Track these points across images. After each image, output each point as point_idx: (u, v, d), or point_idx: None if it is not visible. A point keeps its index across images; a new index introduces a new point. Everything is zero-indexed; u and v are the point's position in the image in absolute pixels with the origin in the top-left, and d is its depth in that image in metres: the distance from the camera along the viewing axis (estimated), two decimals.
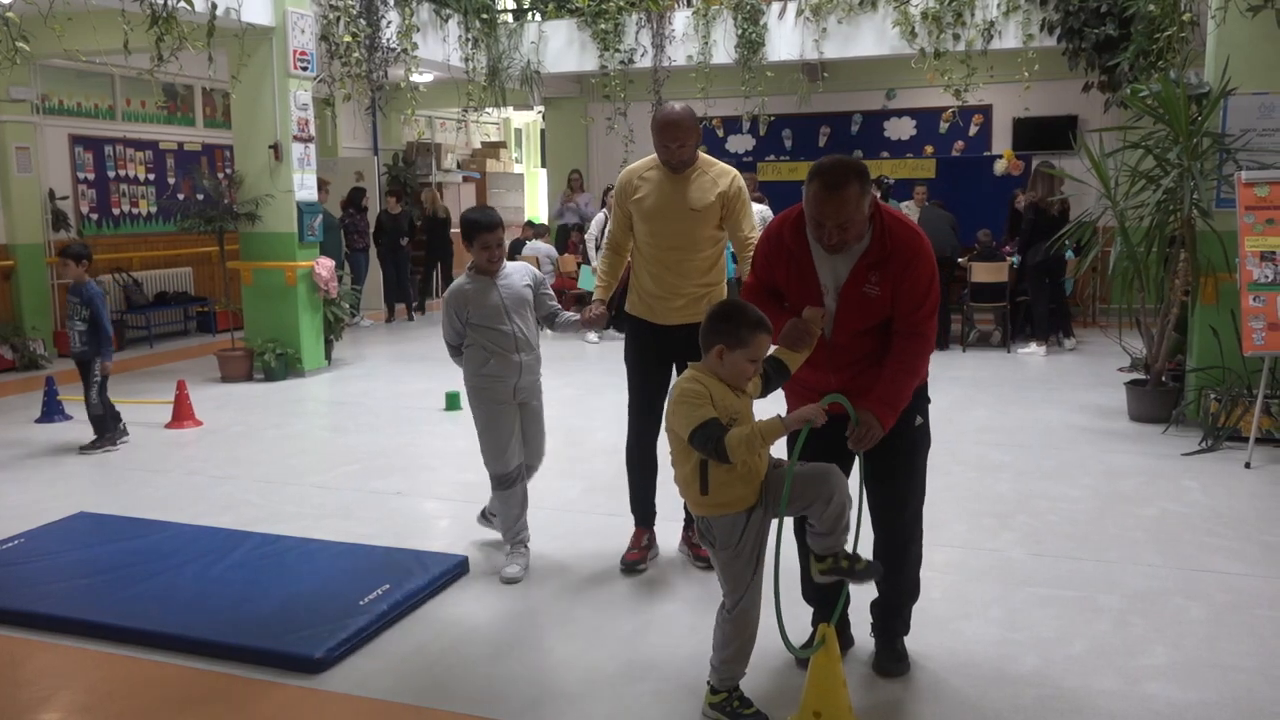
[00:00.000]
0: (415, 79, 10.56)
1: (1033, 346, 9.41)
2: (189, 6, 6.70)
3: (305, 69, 8.64)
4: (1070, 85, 10.65)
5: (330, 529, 4.76)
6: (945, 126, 12.60)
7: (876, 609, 3.35)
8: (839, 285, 3.03)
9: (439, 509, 5.20)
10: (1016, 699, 3.11)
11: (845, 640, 3.40)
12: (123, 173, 10.92)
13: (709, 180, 4.01)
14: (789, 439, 2.90)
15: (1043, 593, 3.92)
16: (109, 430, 6.36)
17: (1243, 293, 5.87)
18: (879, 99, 12.80)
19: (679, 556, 4.34)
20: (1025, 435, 6.41)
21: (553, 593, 4.02)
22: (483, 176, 16.32)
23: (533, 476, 4.43)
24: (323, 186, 10.02)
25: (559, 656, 3.48)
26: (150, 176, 11.25)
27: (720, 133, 13.41)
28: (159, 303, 11.06)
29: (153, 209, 11.26)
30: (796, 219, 3.08)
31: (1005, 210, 10.89)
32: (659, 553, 4.34)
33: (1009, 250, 10.05)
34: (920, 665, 3.32)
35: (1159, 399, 6.66)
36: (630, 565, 4.19)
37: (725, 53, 10.85)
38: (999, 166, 11.96)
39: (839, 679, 2.87)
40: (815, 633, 3.16)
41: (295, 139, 8.62)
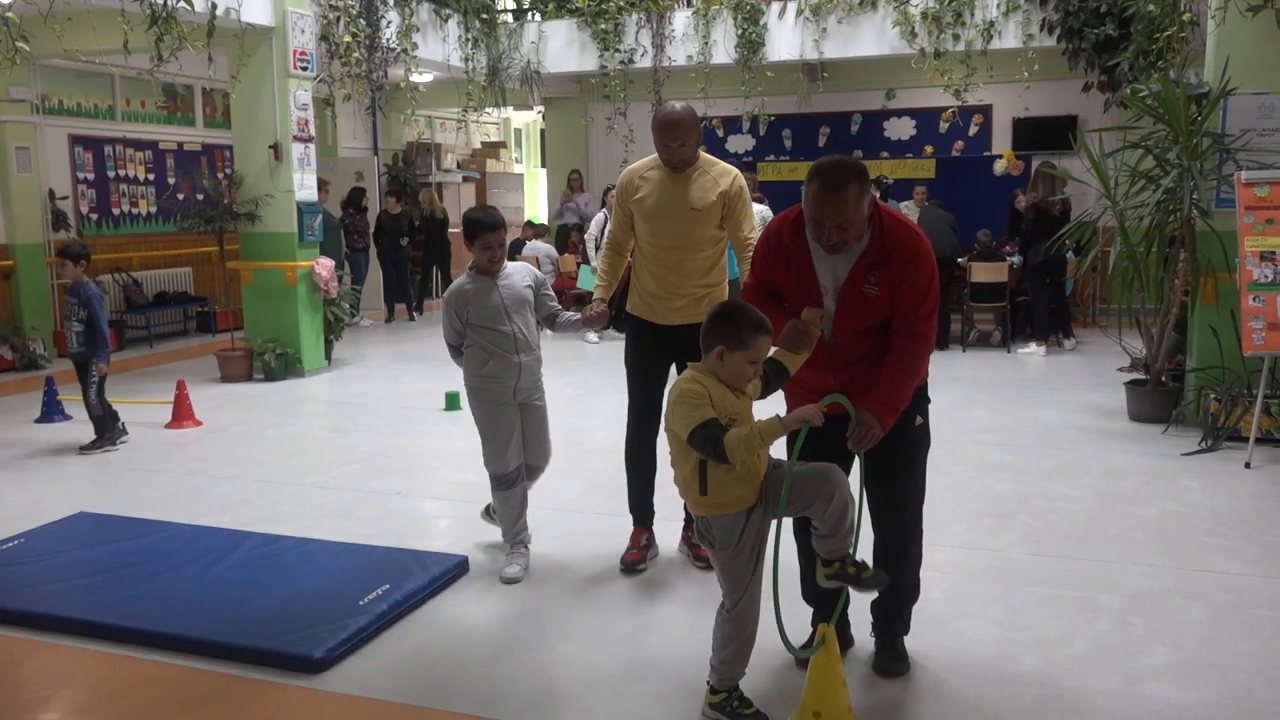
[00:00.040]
0: (415, 79, 10.56)
1: (1032, 346, 9.41)
2: (189, 6, 6.70)
3: (305, 69, 8.64)
4: (1070, 85, 10.65)
5: (330, 529, 4.76)
6: (945, 126, 12.60)
7: (876, 609, 3.35)
8: (838, 285, 3.03)
9: (439, 509, 5.21)
10: (1016, 699, 3.11)
11: (845, 640, 3.40)
12: (122, 173, 10.92)
13: (710, 180, 4.01)
14: (788, 439, 2.90)
15: (1043, 593, 3.92)
16: (109, 430, 6.37)
17: (1242, 293, 5.87)
18: (879, 99, 12.80)
19: (679, 556, 4.34)
20: (1025, 435, 6.41)
21: (553, 593, 4.02)
22: (483, 176, 16.33)
23: (539, 477, 4.42)
24: (323, 186, 10.03)
25: (559, 656, 3.48)
26: (150, 176, 11.25)
27: (720, 133, 13.41)
28: (159, 303, 11.07)
29: (152, 209, 11.26)
30: (796, 219, 3.08)
31: (1005, 210, 10.90)
32: (659, 553, 4.34)
33: (1009, 250, 10.06)
34: (920, 665, 3.32)
35: (1159, 399, 6.66)
36: (630, 565, 4.19)
37: (725, 53, 10.85)
38: (999, 166, 11.96)
39: (839, 679, 2.87)
40: (815, 633, 3.16)
41: (295, 139, 8.62)
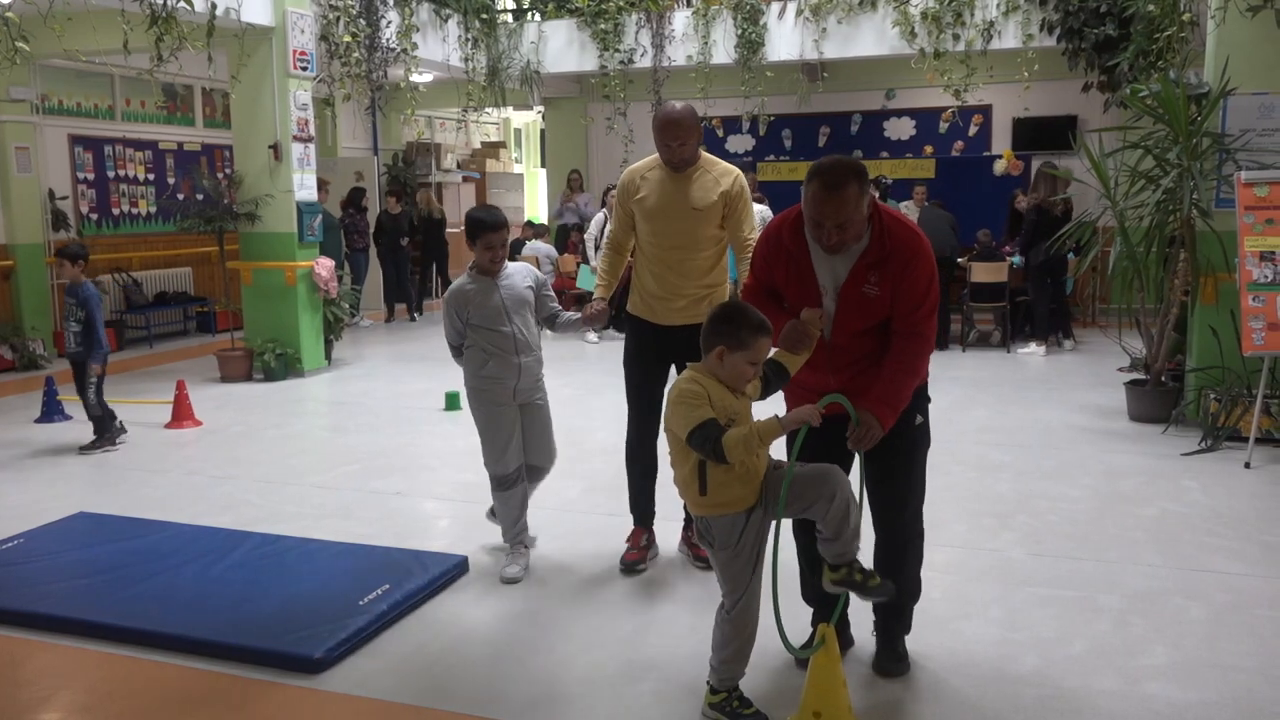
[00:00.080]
0: (415, 79, 10.55)
1: (1032, 346, 9.41)
2: (189, 6, 6.69)
3: (305, 69, 8.64)
4: (1070, 85, 10.64)
5: (330, 529, 4.76)
6: (945, 126, 12.60)
7: (878, 608, 3.34)
8: (838, 286, 3.03)
9: (439, 509, 5.21)
10: (1016, 699, 3.11)
11: (845, 640, 3.40)
12: (122, 173, 10.92)
13: (711, 179, 4.01)
14: (788, 439, 2.90)
15: (1043, 593, 3.92)
16: (108, 430, 6.37)
17: (1242, 293, 5.87)
18: (879, 99, 12.80)
19: (679, 556, 4.34)
20: (1025, 435, 6.41)
21: (553, 593, 4.02)
22: (482, 176, 16.33)
23: (544, 478, 4.40)
24: (322, 186, 10.02)
25: (559, 656, 3.48)
26: (150, 176, 11.25)
27: (720, 133, 13.41)
28: (159, 303, 11.06)
29: (152, 209, 11.26)
30: (795, 219, 3.08)
31: (1005, 210, 10.90)
32: (659, 553, 4.34)
33: (1009, 250, 10.06)
34: (920, 665, 3.32)
35: (1159, 399, 6.66)
36: (629, 565, 4.19)
37: (725, 53, 10.85)
38: (998, 166, 11.96)
39: (839, 679, 2.87)
40: (815, 633, 3.16)
41: (295, 139, 8.62)
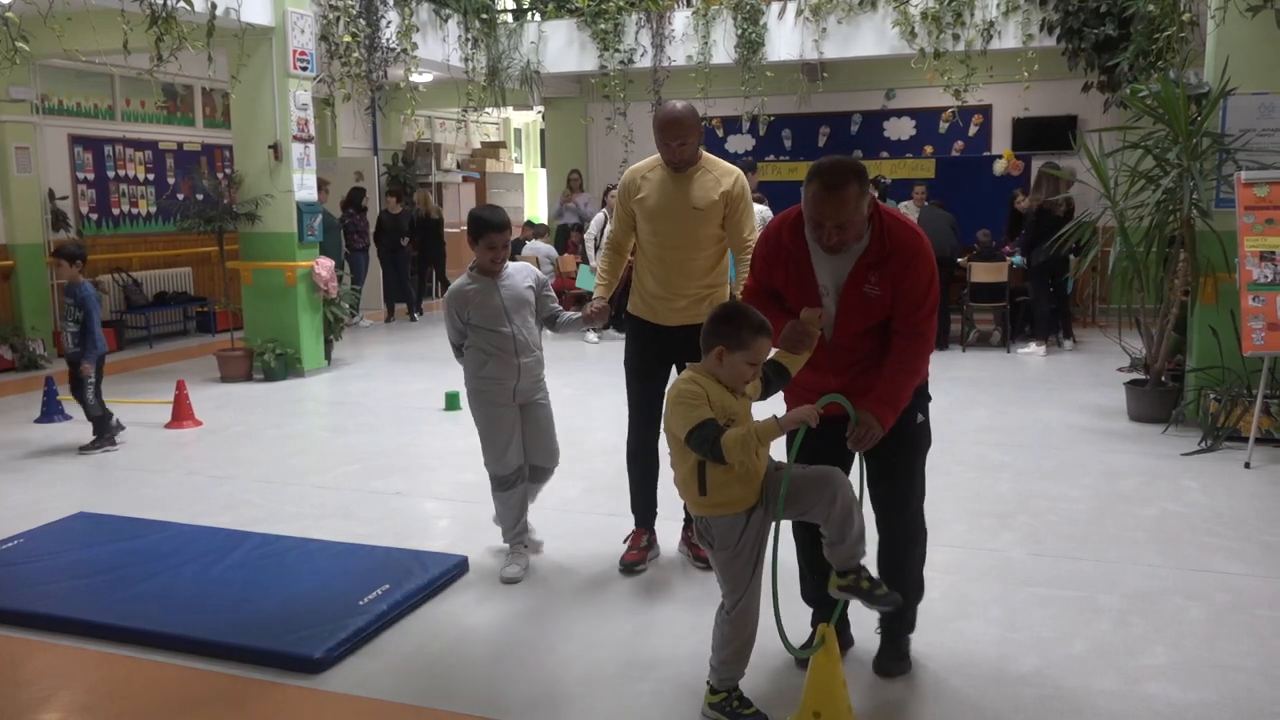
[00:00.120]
0: (415, 79, 10.56)
1: (1032, 346, 9.41)
2: (189, 6, 6.69)
3: (305, 69, 8.64)
4: (1070, 85, 10.64)
5: (330, 529, 4.76)
6: (945, 126, 12.60)
7: None
8: (839, 286, 3.03)
9: (439, 509, 5.21)
10: (1016, 699, 3.11)
11: (845, 640, 3.40)
12: (122, 173, 10.92)
13: (712, 179, 4.01)
14: (788, 440, 2.90)
15: (1043, 593, 3.92)
16: (107, 430, 6.37)
17: (1242, 293, 5.87)
18: (878, 99, 12.80)
19: (679, 557, 4.34)
20: (1025, 435, 6.41)
21: (553, 593, 4.02)
22: (482, 176, 16.32)
23: (548, 479, 4.37)
24: (322, 186, 10.02)
25: (559, 656, 3.48)
26: (150, 176, 11.25)
27: (720, 133, 13.41)
28: (159, 303, 11.06)
29: (152, 209, 11.26)
30: (795, 220, 3.08)
31: (1005, 210, 10.89)
32: (659, 553, 4.34)
33: (1009, 250, 10.06)
34: (920, 665, 3.32)
35: (1159, 399, 6.66)
36: (629, 566, 4.19)
37: (725, 53, 10.85)
38: (998, 166, 11.96)
39: (839, 679, 2.87)
40: (815, 633, 3.15)
41: (295, 139, 8.62)
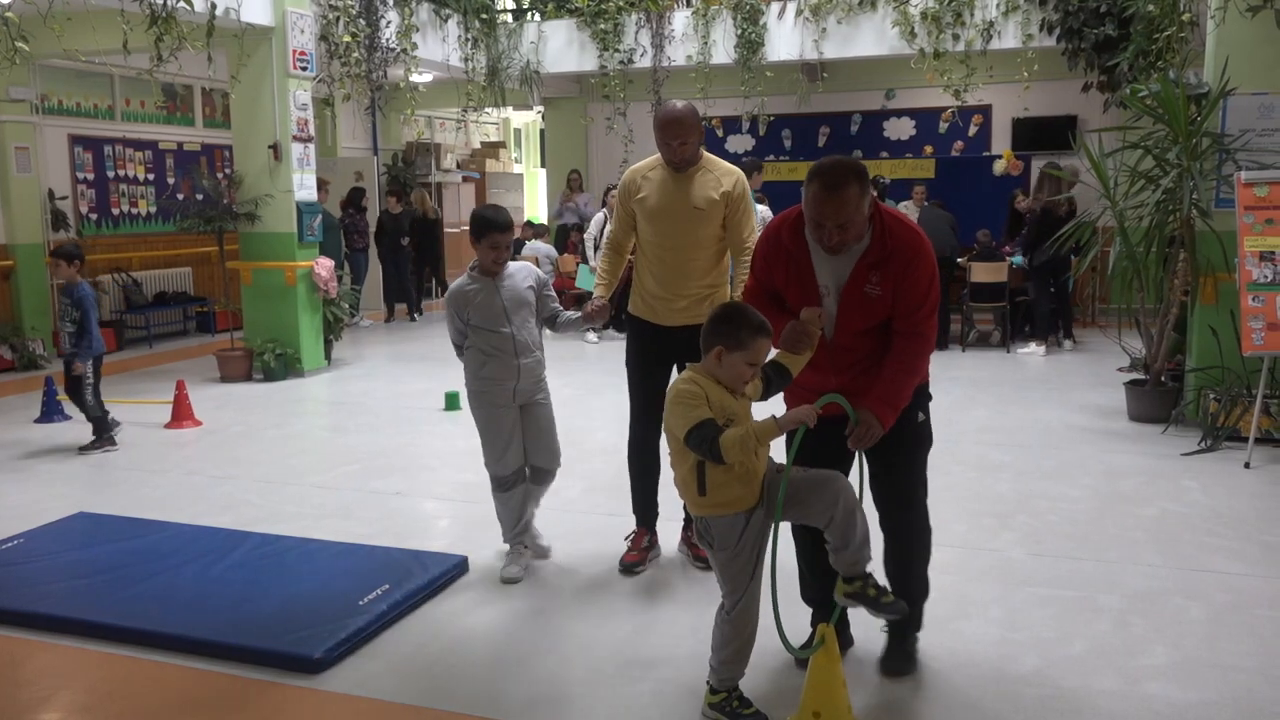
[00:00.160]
0: (415, 79, 10.56)
1: (1032, 346, 9.41)
2: (188, 6, 6.69)
3: (305, 69, 8.64)
4: (1070, 85, 10.64)
5: (330, 529, 4.76)
6: (945, 126, 12.60)
7: None
8: (839, 286, 3.03)
9: (439, 509, 5.20)
10: (1016, 699, 3.11)
11: (845, 640, 3.40)
12: (122, 173, 10.92)
13: (713, 179, 4.01)
14: (787, 440, 2.90)
15: (1043, 593, 3.92)
16: (107, 430, 6.36)
17: (1242, 293, 5.87)
18: (878, 99, 12.80)
19: (679, 557, 4.34)
20: (1025, 435, 6.41)
21: (553, 593, 4.02)
22: (482, 176, 16.31)
23: (550, 481, 4.33)
24: (322, 186, 10.02)
25: (559, 656, 3.48)
26: (150, 176, 11.24)
27: (720, 133, 13.41)
28: (158, 303, 11.06)
29: (152, 209, 11.26)
30: (795, 220, 3.08)
31: (1005, 210, 10.90)
32: (660, 553, 4.34)
33: (1008, 251, 10.06)
34: (920, 665, 3.32)
35: (1158, 399, 6.66)
36: (629, 567, 4.19)
37: (725, 53, 10.85)
38: (998, 167, 11.96)
39: (838, 679, 2.87)
40: (815, 633, 3.15)
41: (295, 139, 8.62)
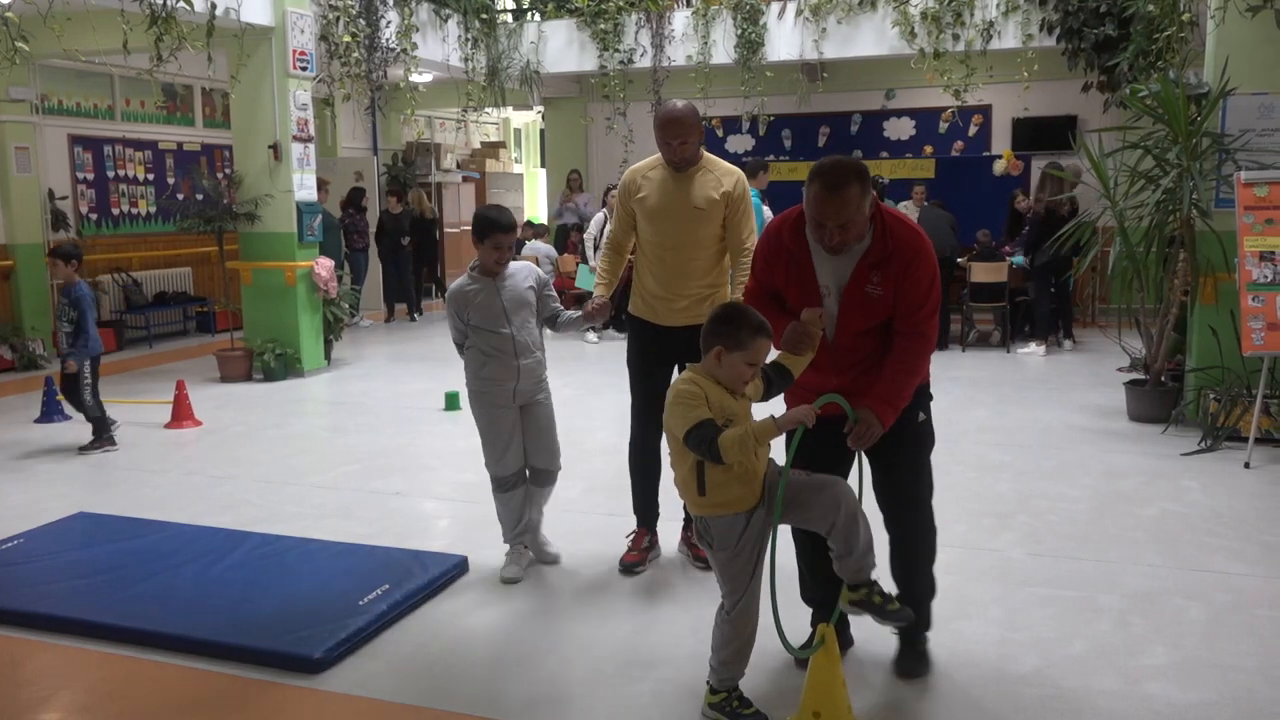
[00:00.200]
0: (415, 79, 10.55)
1: (1032, 346, 9.41)
2: (188, 6, 6.69)
3: (305, 69, 8.64)
4: (1070, 85, 10.64)
5: (330, 529, 4.76)
6: (945, 126, 12.60)
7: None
8: (840, 286, 3.03)
9: (439, 509, 5.21)
10: (1016, 699, 3.11)
11: (845, 640, 3.40)
12: (122, 173, 10.92)
13: (713, 179, 4.01)
14: (787, 440, 2.90)
15: (1043, 593, 3.92)
16: (106, 430, 6.36)
17: (1242, 293, 5.87)
18: (878, 99, 12.80)
19: (679, 557, 4.34)
20: (1025, 435, 6.41)
21: (553, 593, 4.02)
22: (482, 176, 16.31)
23: (551, 483, 4.29)
24: (322, 186, 10.02)
25: (559, 656, 3.48)
26: (149, 176, 11.24)
27: (720, 133, 13.41)
28: (158, 303, 11.06)
29: (152, 209, 11.26)
30: (796, 220, 3.08)
31: (1005, 210, 10.90)
32: (660, 553, 4.34)
33: (1009, 251, 10.06)
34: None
35: (1158, 399, 6.66)
36: (628, 567, 4.19)
37: (725, 53, 10.85)
38: (998, 167, 11.95)
39: (838, 679, 2.86)
40: (815, 633, 3.15)
41: (295, 139, 8.62)
